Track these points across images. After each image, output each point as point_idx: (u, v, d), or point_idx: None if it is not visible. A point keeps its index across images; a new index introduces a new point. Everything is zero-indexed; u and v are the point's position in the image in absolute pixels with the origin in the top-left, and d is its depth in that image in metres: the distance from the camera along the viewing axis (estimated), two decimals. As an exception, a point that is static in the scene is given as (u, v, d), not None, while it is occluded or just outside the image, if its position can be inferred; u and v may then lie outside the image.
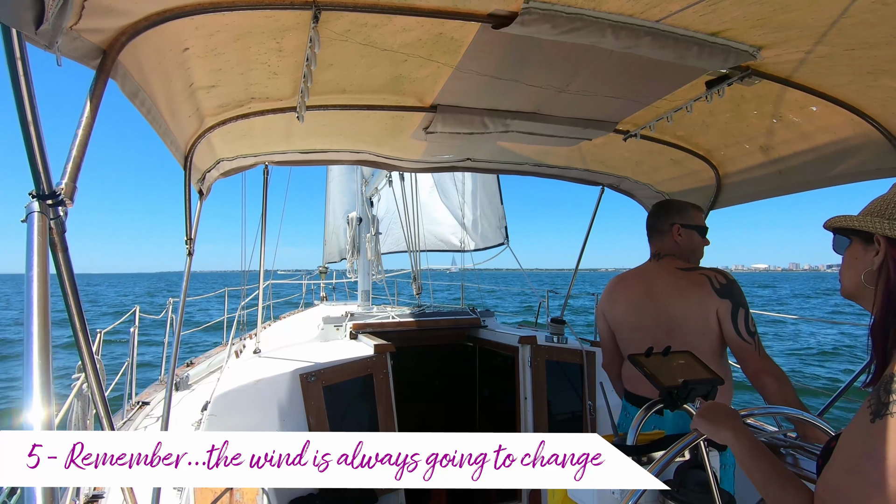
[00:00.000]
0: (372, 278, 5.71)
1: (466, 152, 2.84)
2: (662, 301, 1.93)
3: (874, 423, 0.80)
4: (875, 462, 0.77)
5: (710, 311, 1.84)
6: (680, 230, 2.03)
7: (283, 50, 1.52)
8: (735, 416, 1.14)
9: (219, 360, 4.01)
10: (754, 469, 0.99)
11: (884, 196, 0.96)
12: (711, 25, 1.44)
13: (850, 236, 0.99)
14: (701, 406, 1.24)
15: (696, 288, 1.87)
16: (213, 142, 2.16)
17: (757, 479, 0.97)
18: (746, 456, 1.02)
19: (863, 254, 0.95)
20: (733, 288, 1.86)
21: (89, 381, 1.27)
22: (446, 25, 1.46)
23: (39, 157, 0.94)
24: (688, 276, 1.92)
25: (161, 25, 1.21)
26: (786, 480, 0.92)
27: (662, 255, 2.06)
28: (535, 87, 1.91)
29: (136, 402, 3.55)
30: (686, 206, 2.11)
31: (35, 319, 0.82)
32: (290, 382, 2.51)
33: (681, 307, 1.88)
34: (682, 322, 1.87)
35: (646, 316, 1.97)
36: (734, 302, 1.83)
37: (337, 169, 8.90)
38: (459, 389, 3.97)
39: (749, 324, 1.82)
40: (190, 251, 1.96)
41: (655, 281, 1.99)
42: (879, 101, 1.77)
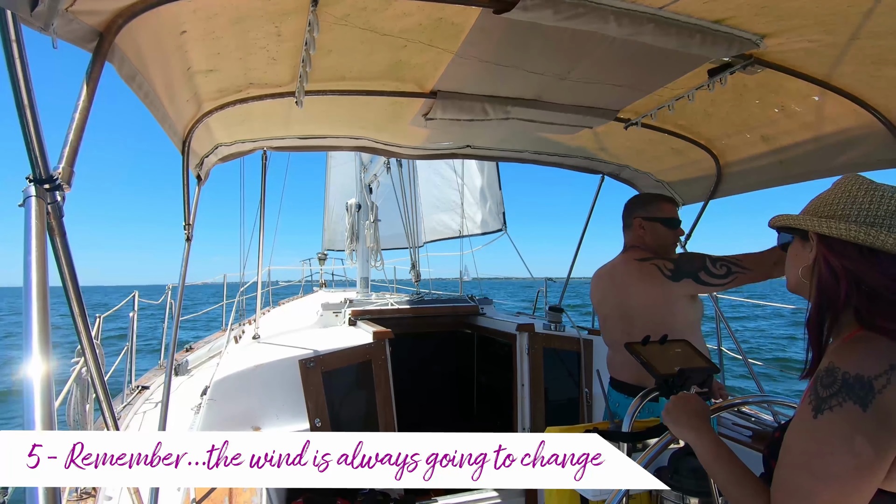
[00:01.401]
0: (371, 265, 5.72)
1: (466, 139, 2.83)
2: (622, 291, 1.99)
3: (816, 419, 0.82)
4: (821, 458, 0.80)
5: (670, 297, 1.89)
6: (642, 223, 2.06)
7: (283, 34, 1.50)
8: (698, 415, 1.13)
9: (218, 345, 4.03)
10: (716, 470, 1.00)
11: (823, 195, 0.99)
12: (715, 13, 1.42)
13: (792, 234, 1.03)
14: (668, 402, 1.23)
15: (649, 277, 1.92)
16: (212, 127, 2.15)
17: (719, 480, 0.99)
18: (708, 457, 1.03)
19: (801, 250, 1.00)
20: (682, 265, 1.89)
21: (88, 366, 1.27)
22: (447, 10, 1.44)
23: (36, 141, 0.94)
24: (640, 266, 1.96)
25: (158, 8, 1.19)
26: (746, 481, 0.94)
27: (628, 248, 2.11)
28: (537, 74, 1.89)
29: (135, 387, 3.58)
30: (653, 198, 2.13)
31: (34, 304, 0.83)
32: (289, 368, 2.53)
33: (637, 296, 1.94)
34: (642, 310, 1.93)
35: (611, 306, 2.04)
36: (692, 275, 1.86)
37: (337, 155, 8.86)
38: (457, 376, 4.00)
39: (717, 269, 1.85)
40: (188, 236, 1.95)
41: (617, 272, 2.05)
42: (883, 92, 1.76)
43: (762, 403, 2.19)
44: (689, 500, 1.27)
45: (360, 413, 2.63)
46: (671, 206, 2.10)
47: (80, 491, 1.92)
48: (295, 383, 2.45)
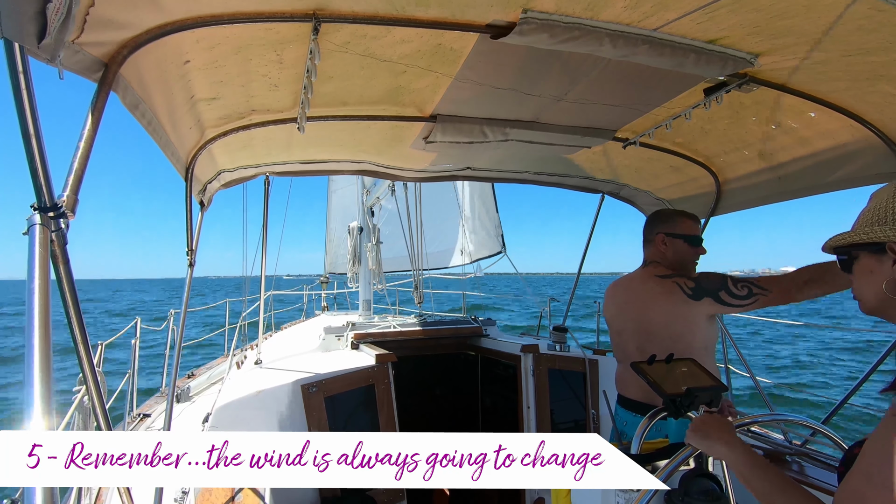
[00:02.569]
0: (373, 288, 5.70)
1: (466, 161, 2.85)
2: (641, 307, 1.98)
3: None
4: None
5: (690, 316, 1.88)
6: (665, 239, 2.07)
7: (284, 62, 1.53)
8: (727, 429, 1.12)
9: (220, 371, 3.99)
10: (755, 481, 0.97)
11: (873, 206, 0.95)
12: (709, 33, 1.45)
13: (856, 252, 0.97)
14: (694, 420, 1.22)
15: (669, 295, 1.91)
16: (214, 153, 2.17)
17: (760, 491, 0.95)
18: (745, 468, 1.00)
19: (877, 265, 0.93)
20: (703, 283, 1.88)
21: (90, 394, 1.26)
22: (445, 36, 1.47)
23: (41, 169, 0.95)
24: (661, 282, 1.96)
25: (162, 38, 1.22)
26: (792, 490, 0.90)
27: (648, 263, 2.11)
28: (534, 96, 1.92)
29: (136, 415, 3.54)
30: (675, 215, 2.14)
31: (36, 332, 0.82)
32: (291, 393, 2.50)
33: (656, 313, 1.93)
34: (661, 326, 1.92)
35: (628, 320, 2.03)
36: (712, 294, 1.86)
37: (339, 178, 8.92)
38: (462, 399, 3.95)
39: (738, 290, 1.83)
40: (191, 262, 1.96)
41: (637, 287, 2.05)
42: (877, 107, 1.78)
43: (791, 423, 2.15)
44: (701, 522, 1.24)
45: None
46: (694, 223, 2.11)
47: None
48: (297, 408, 2.42)
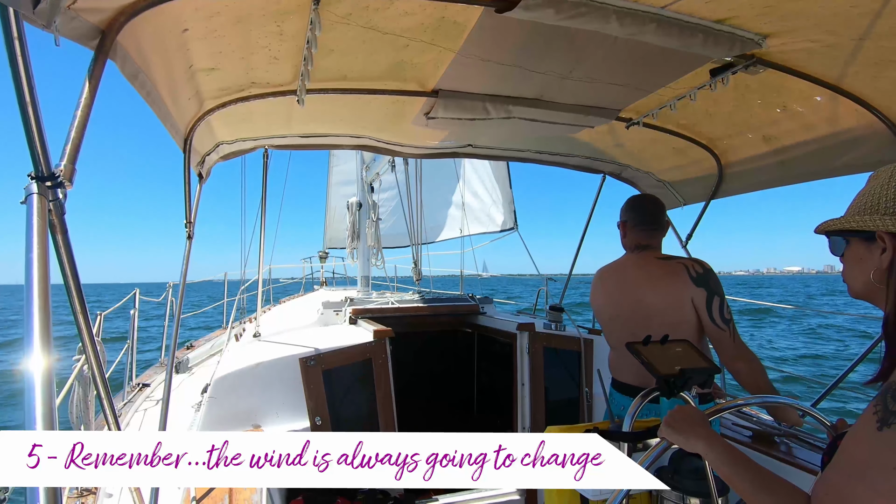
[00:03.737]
0: (372, 264, 5.71)
1: (468, 138, 2.82)
2: (640, 290, 1.97)
3: (881, 432, 0.77)
4: (882, 472, 0.75)
5: (686, 299, 1.88)
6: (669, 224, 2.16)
7: (284, 34, 1.50)
8: (703, 423, 1.10)
9: (219, 343, 4.03)
10: (736, 477, 0.95)
11: (868, 191, 0.93)
12: (718, 12, 1.42)
13: (847, 238, 0.96)
14: (667, 414, 1.20)
15: (673, 276, 1.91)
16: (213, 125, 2.15)
17: (741, 487, 0.93)
18: (724, 465, 0.98)
19: (866, 253, 0.92)
20: (709, 277, 1.89)
21: (90, 363, 1.28)
22: (449, 9, 1.44)
23: (38, 138, 0.94)
24: (665, 265, 1.96)
25: (160, 6, 1.19)
26: (776, 486, 0.89)
27: (645, 248, 2.08)
28: (538, 73, 1.89)
29: (136, 384, 3.58)
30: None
31: (35, 301, 0.83)
32: (289, 366, 2.53)
33: (657, 296, 1.92)
34: (660, 310, 1.91)
35: (623, 305, 2.01)
36: (709, 291, 1.87)
37: (339, 153, 8.85)
38: (458, 375, 4.00)
39: (724, 311, 1.86)
40: (189, 234, 1.95)
41: (634, 271, 2.03)
42: (885, 93, 1.76)
43: (763, 405, 2.18)
44: (689, 500, 1.27)
45: (360, 411, 2.64)
46: None
47: (81, 489, 1.93)
48: (295, 381, 2.45)
